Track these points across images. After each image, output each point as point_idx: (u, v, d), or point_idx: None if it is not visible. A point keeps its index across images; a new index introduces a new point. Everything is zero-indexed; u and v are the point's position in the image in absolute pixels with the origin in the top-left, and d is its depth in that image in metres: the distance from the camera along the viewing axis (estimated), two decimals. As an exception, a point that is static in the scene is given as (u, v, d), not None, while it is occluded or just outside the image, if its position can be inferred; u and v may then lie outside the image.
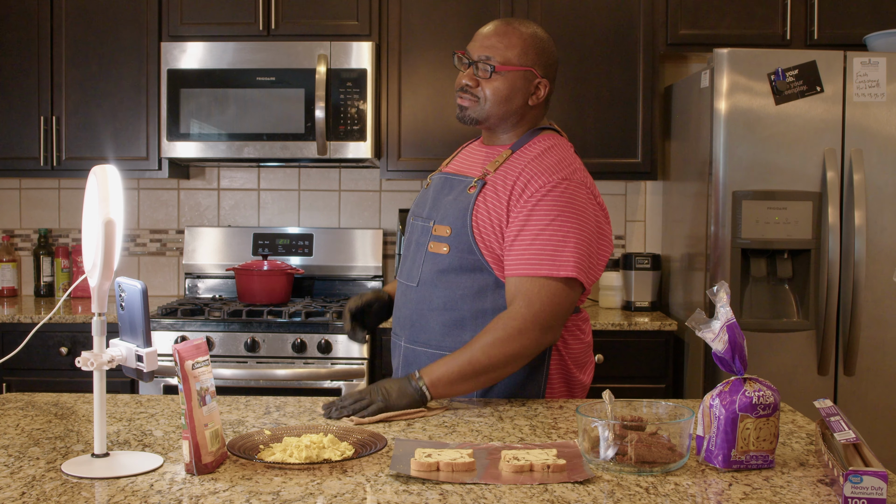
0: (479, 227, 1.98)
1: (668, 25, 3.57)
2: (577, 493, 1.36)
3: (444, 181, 2.13)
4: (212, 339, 3.24)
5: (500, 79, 2.02)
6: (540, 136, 2.08)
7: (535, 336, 1.90)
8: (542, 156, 2.01)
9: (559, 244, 1.91)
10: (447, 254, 2.00)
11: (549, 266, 1.91)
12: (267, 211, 4.02)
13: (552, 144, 2.06)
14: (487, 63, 2.02)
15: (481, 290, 1.99)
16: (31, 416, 1.82)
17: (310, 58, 3.50)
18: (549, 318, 1.91)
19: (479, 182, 2.02)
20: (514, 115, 2.06)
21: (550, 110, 2.25)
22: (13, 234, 4.06)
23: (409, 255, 2.14)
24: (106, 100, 3.63)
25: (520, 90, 2.04)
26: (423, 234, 2.09)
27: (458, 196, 2.04)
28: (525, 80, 2.04)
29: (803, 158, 3.09)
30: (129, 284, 1.48)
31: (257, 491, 1.36)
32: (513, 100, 2.04)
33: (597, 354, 3.31)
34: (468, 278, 1.99)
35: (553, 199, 1.94)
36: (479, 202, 1.99)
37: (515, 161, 2.02)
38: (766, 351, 3.11)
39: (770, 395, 1.48)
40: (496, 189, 1.99)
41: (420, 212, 2.15)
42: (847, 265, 3.09)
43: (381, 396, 1.84)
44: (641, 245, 3.98)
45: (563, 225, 1.93)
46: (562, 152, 2.05)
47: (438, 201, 2.09)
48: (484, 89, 2.03)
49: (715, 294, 1.52)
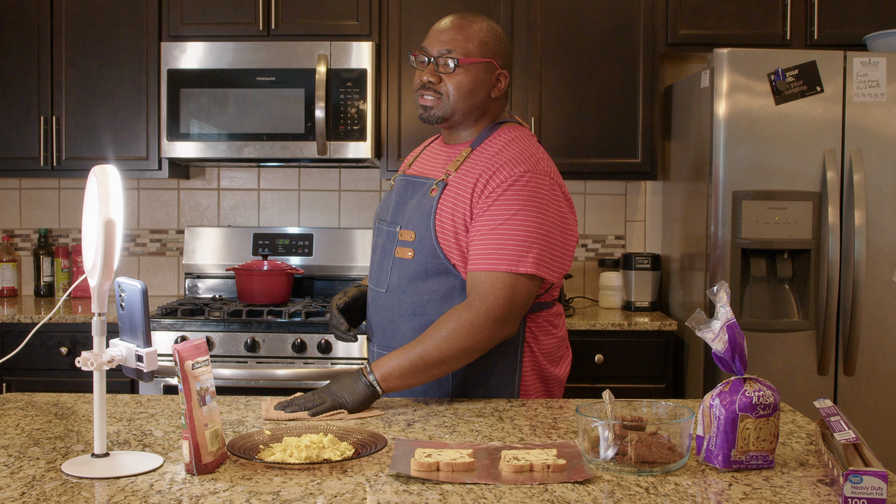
0: (443, 229, 1.96)
1: (668, 25, 3.57)
2: (577, 493, 1.36)
3: (407, 184, 2.10)
4: (212, 339, 3.24)
5: (463, 72, 1.99)
6: (501, 130, 2.05)
7: (488, 330, 1.89)
8: (503, 149, 1.99)
9: (520, 238, 1.89)
10: (412, 258, 1.99)
11: (509, 261, 1.89)
12: (267, 211, 4.02)
13: (514, 137, 2.03)
14: (449, 57, 1.99)
15: (448, 294, 1.98)
16: (31, 416, 1.82)
17: (310, 58, 3.50)
18: (503, 312, 1.90)
19: (440, 184, 2.00)
20: (478, 108, 2.04)
21: (551, 109, 2.24)
22: (13, 234, 4.06)
23: (376, 259, 2.11)
24: (106, 100, 3.63)
25: (482, 83, 2.02)
26: (388, 239, 2.07)
27: (420, 199, 2.02)
28: (487, 73, 2.02)
29: (803, 158, 3.09)
30: (129, 284, 1.48)
31: (257, 491, 1.36)
32: (476, 93, 2.02)
33: (597, 354, 3.31)
34: (435, 282, 1.98)
35: (515, 192, 1.92)
36: (441, 205, 1.97)
37: (476, 158, 2.00)
38: (766, 351, 3.11)
39: (770, 395, 1.48)
40: (457, 189, 1.97)
41: (384, 215, 2.13)
42: (847, 265, 3.09)
43: (331, 397, 1.84)
44: (641, 245, 3.99)
45: (526, 218, 1.90)
46: (524, 143, 2.02)
47: (402, 205, 2.07)
48: (447, 84, 2.00)
49: (715, 294, 1.52)
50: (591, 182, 3.96)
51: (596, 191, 3.98)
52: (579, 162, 3.60)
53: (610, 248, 3.99)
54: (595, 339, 3.33)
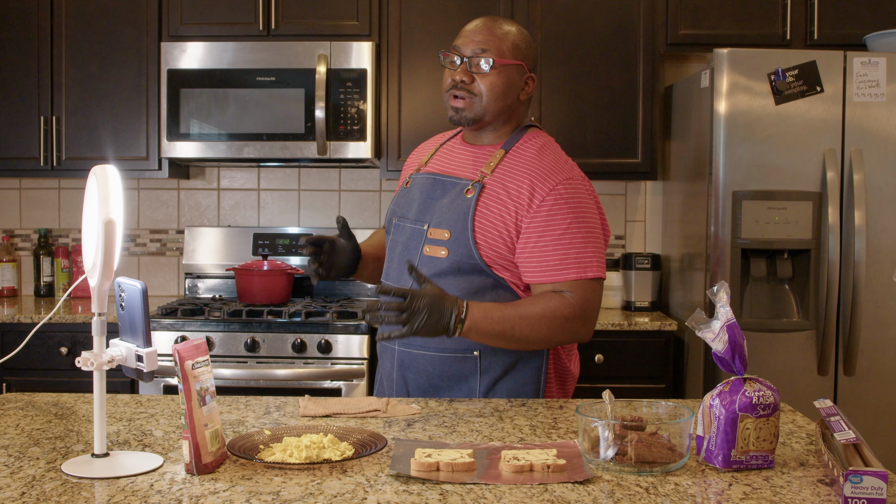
0: (483, 231, 1.96)
1: (668, 25, 3.57)
2: (577, 493, 1.36)
3: (434, 182, 2.08)
4: (212, 339, 3.24)
5: (496, 73, 1.98)
6: (528, 134, 2.06)
7: (576, 326, 1.94)
8: (539, 157, 2.01)
9: (581, 247, 1.94)
10: (445, 257, 1.98)
11: (575, 269, 1.93)
12: (267, 211, 4.02)
13: (544, 143, 2.05)
14: (483, 57, 1.98)
15: (480, 291, 1.98)
16: (31, 416, 1.82)
17: (310, 58, 3.50)
18: (592, 313, 1.95)
19: (476, 185, 1.99)
20: (508, 111, 2.04)
21: (551, 109, 2.26)
22: (13, 234, 4.06)
23: (396, 257, 2.09)
24: (106, 100, 3.63)
25: (514, 85, 2.02)
26: (414, 237, 2.05)
27: (454, 199, 2.01)
28: (518, 75, 2.02)
29: (803, 158, 3.09)
30: (129, 284, 1.48)
31: (257, 491, 1.36)
32: (508, 95, 2.01)
33: (597, 354, 3.31)
34: (465, 280, 1.97)
35: (566, 201, 1.95)
36: (479, 206, 1.97)
37: (512, 162, 2.01)
38: (766, 351, 3.11)
39: (770, 395, 1.48)
40: (497, 193, 1.97)
41: (406, 213, 2.10)
42: (847, 265, 3.09)
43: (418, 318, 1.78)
44: (641, 245, 3.98)
45: (582, 227, 1.95)
46: (555, 149, 2.06)
47: (430, 203, 2.05)
48: (480, 85, 1.99)
49: (715, 294, 1.52)
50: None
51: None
52: (579, 162, 3.50)
53: (610, 247, 3.98)
54: (595, 338, 3.29)
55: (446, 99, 2.04)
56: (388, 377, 2.13)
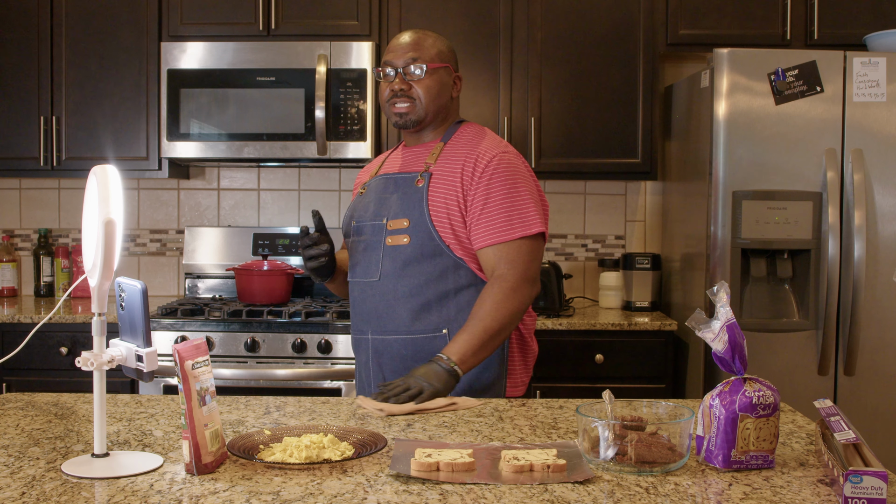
0: (437, 213, 2.15)
1: (668, 25, 3.57)
2: (577, 493, 1.36)
3: (385, 181, 2.27)
4: (212, 339, 3.24)
5: (430, 77, 2.21)
6: (464, 126, 2.29)
7: (526, 290, 2.12)
8: (477, 139, 2.23)
9: (523, 206, 2.14)
10: (408, 244, 2.14)
11: (521, 227, 2.12)
12: (267, 211, 4.02)
13: (478, 130, 2.28)
14: (415, 64, 2.20)
15: (443, 273, 2.15)
16: (31, 416, 1.82)
17: (310, 58, 3.50)
18: (532, 272, 2.14)
19: (425, 175, 2.20)
20: (444, 109, 2.26)
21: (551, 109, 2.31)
22: (13, 234, 4.06)
23: (359, 254, 2.25)
24: (106, 100, 3.63)
25: (446, 84, 2.25)
26: (375, 232, 2.21)
27: (406, 191, 2.20)
28: (448, 76, 2.26)
29: (803, 158, 3.09)
30: (129, 284, 1.48)
31: (257, 491, 1.36)
32: (443, 94, 2.24)
33: (597, 354, 3.31)
34: (429, 264, 2.15)
35: (504, 169, 2.16)
36: (431, 191, 2.17)
37: (453, 148, 2.22)
38: (766, 351, 3.11)
39: (770, 395, 1.48)
40: (444, 175, 2.18)
41: (363, 216, 2.26)
42: (847, 265, 3.09)
43: (427, 383, 1.94)
44: (641, 245, 3.98)
45: (521, 189, 2.16)
46: (490, 133, 2.28)
47: (385, 201, 2.23)
48: (417, 90, 2.21)
49: (715, 294, 1.53)
50: (590, 182, 3.96)
51: (596, 191, 3.98)
52: (579, 162, 3.60)
53: (610, 248, 3.99)
54: (595, 339, 3.33)
55: (387, 109, 2.25)
56: (364, 367, 2.27)
